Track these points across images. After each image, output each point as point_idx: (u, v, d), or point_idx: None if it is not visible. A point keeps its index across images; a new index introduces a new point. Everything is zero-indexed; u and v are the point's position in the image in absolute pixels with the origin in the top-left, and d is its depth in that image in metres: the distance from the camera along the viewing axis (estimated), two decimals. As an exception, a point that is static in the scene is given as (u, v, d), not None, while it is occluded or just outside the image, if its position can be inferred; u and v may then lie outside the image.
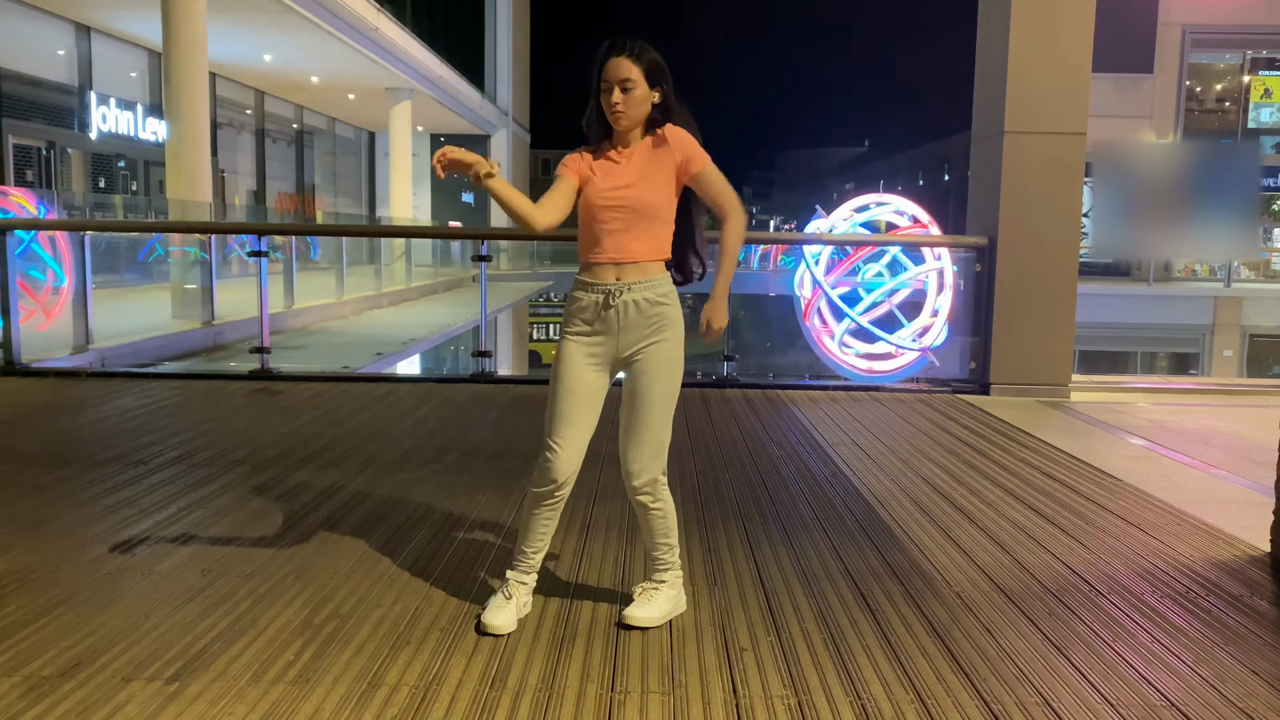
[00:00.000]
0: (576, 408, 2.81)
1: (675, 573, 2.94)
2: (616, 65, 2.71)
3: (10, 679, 2.45)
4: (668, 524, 2.90)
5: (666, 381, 2.80)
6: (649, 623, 2.83)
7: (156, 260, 13.50)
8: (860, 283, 7.79)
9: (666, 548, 2.92)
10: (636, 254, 2.75)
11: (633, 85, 2.71)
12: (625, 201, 2.73)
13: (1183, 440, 5.64)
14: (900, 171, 50.32)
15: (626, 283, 2.75)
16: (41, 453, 4.84)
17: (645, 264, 2.76)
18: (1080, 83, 6.85)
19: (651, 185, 2.74)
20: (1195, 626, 2.95)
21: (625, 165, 2.76)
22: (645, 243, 2.75)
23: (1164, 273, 24.88)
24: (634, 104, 2.72)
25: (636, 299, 2.75)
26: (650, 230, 2.76)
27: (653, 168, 2.75)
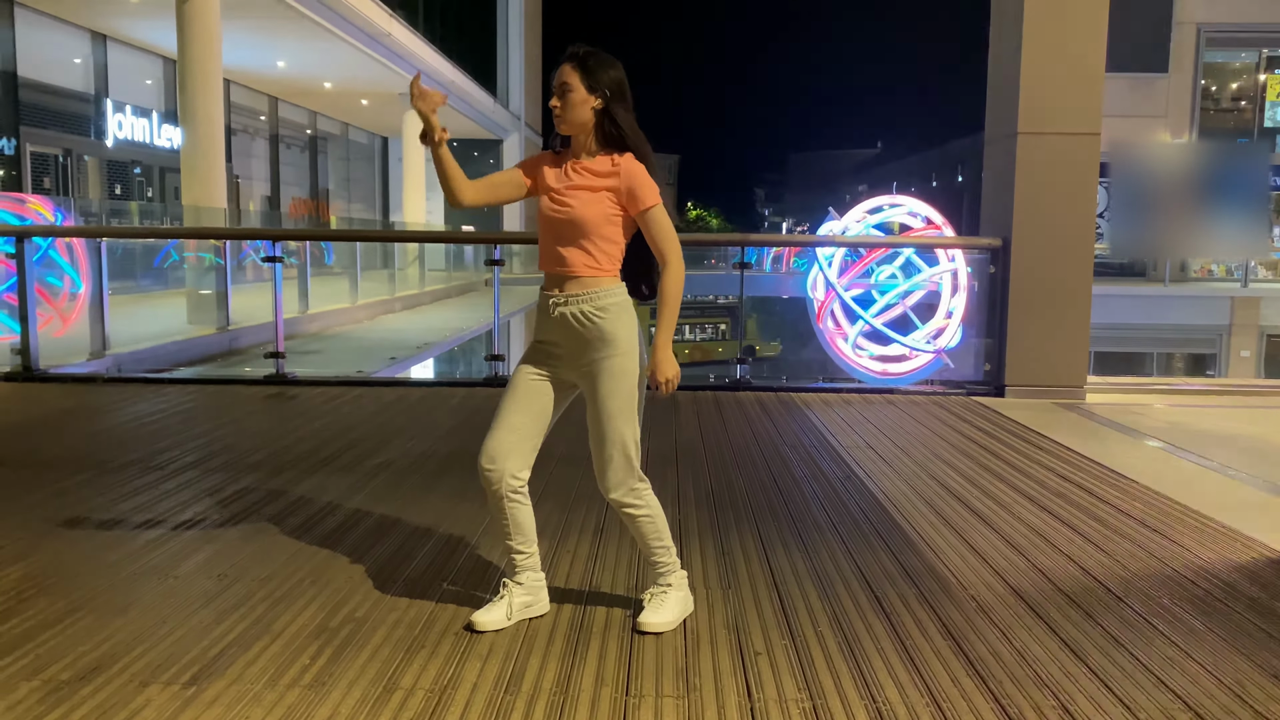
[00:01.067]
0: (513, 404, 2.84)
1: (678, 573, 2.94)
2: (558, 71, 2.77)
3: (29, 683, 2.46)
4: (656, 527, 2.89)
5: (617, 395, 2.77)
6: (665, 627, 2.84)
7: (172, 266, 13.60)
8: (874, 285, 7.78)
9: (662, 549, 2.90)
10: (575, 267, 2.76)
11: (569, 89, 2.74)
12: (563, 214, 2.76)
13: (1200, 442, 5.60)
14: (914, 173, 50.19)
15: (566, 294, 2.77)
16: (59, 458, 4.88)
17: (585, 278, 2.76)
18: (1094, 83, 6.82)
19: (590, 203, 2.74)
20: (1213, 629, 2.93)
21: (574, 178, 2.78)
22: (582, 257, 2.76)
23: (1180, 273, 24.73)
24: (570, 108, 2.74)
25: (574, 311, 2.76)
26: (587, 246, 2.75)
27: (596, 186, 2.76)
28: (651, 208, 2.76)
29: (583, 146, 2.80)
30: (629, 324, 2.79)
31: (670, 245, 2.78)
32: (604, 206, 2.74)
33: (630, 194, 2.74)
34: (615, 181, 2.75)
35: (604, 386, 2.76)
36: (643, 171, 2.76)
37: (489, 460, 2.80)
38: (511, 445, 2.82)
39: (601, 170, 2.76)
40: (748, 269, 7.86)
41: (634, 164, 2.76)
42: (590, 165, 2.78)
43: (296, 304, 13.98)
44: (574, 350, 2.80)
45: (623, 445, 2.78)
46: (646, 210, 2.75)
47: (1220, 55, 24.75)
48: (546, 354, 2.85)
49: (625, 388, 2.78)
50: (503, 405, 2.85)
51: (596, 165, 2.78)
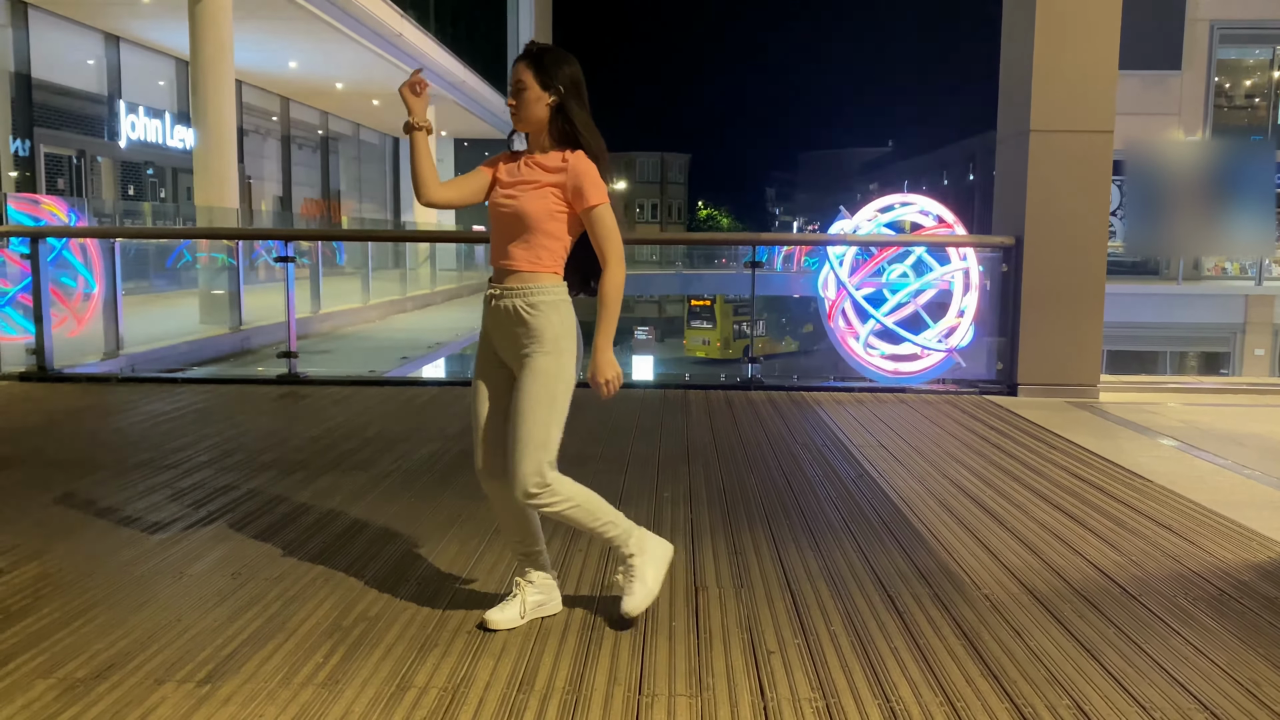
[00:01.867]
0: (484, 414, 2.87)
1: (635, 537, 2.89)
2: (514, 68, 2.79)
3: (45, 681, 2.48)
4: (587, 510, 2.83)
5: (536, 394, 2.74)
6: (649, 598, 2.83)
7: (185, 266, 13.66)
8: (885, 284, 7.75)
9: (607, 526, 2.86)
10: (515, 261, 2.77)
11: (523, 87, 2.75)
12: (507, 208, 2.77)
13: (1214, 441, 5.57)
14: (925, 171, 50.04)
15: (504, 287, 2.79)
16: (74, 457, 4.90)
17: (524, 272, 2.77)
18: (1107, 80, 6.79)
19: (534, 198, 2.74)
20: (1229, 628, 2.91)
21: (524, 173, 2.80)
22: (523, 251, 2.76)
23: (1194, 271, 24.58)
24: (525, 105, 2.76)
25: (508, 304, 2.77)
26: (529, 240, 2.76)
27: (543, 181, 2.76)
28: (596, 206, 2.75)
29: (538, 144, 2.82)
30: (559, 323, 2.77)
31: (612, 245, 2.78)
32: (548, 202, 2.75)
33: (576, 191, 2.74)
34: (562, 178, 2.75)
35: (525, 382, 2.76)
36: (591, 169, 2.76)
37: (484, 476, 2.88)
38: (496, 452, 2.84)
39: (551, 166, 2.77)
40: (759, 268, 7.85)
41: (583, 161, 2.76)
42: (541, 160, 2.79)
43: (309, 304, 14.02)
44: (508, 343, 2.82)
45: (529, 442, 2.72)
46: (591, 208, 2.75)
47: (1234, 52, 24.58)
48: (491, 350, 2.88)
49: (545, 387, 2.75)
50: (475, 417, 2.88)
51: (547, 161, 2.78)
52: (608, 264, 2.78)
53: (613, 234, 2.78)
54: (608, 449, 5.19)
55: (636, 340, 50.98)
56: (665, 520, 3.90)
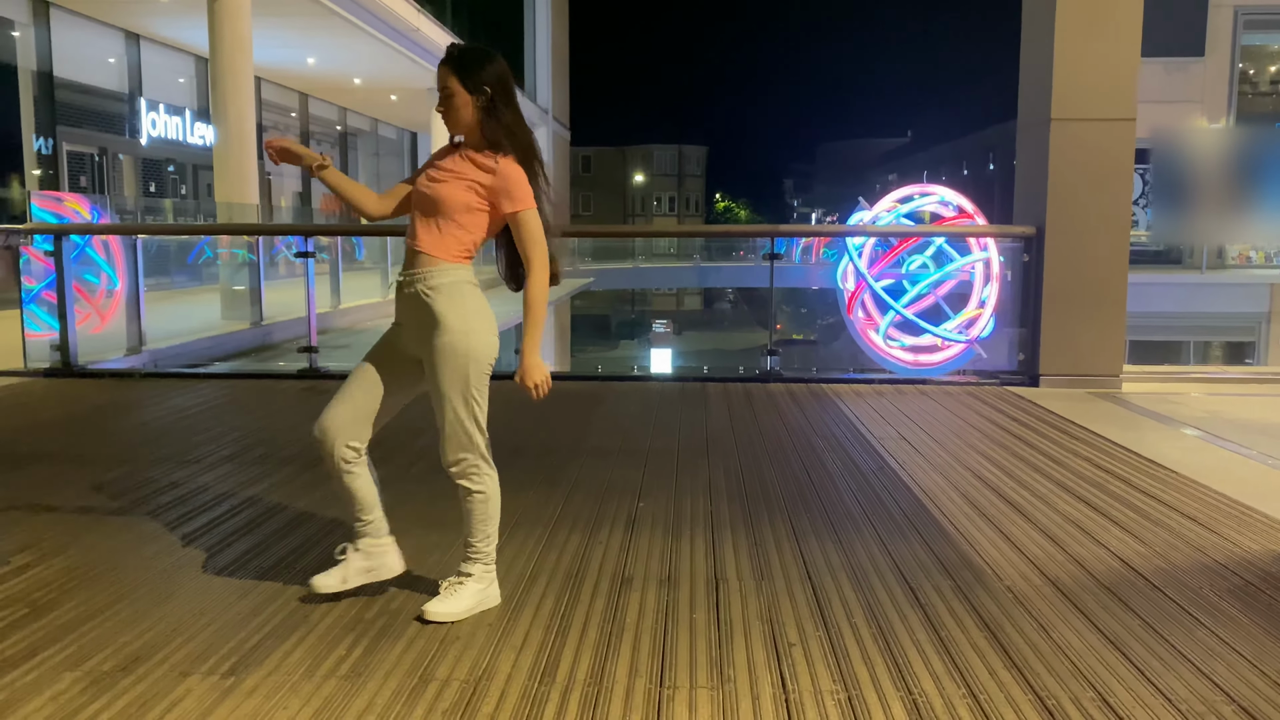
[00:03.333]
0: (353, 381, 2.91)
1: (485, 565, 2.92)
2: (438, 74, 2.79)
3: (72, 673, 2.50)
4: (487, 510, 2.89)
5: (448, 375, 2.79)
6: (451, 617, 2.82)
7: (206, 262, 13.74)
8: (905, 274, 7.71)
9: (483, 536, 2.90)
10: (421, 242, 2.80)
11: (450, 93, 2.77)
12: (429, 190, 2.80)
13: (1239, 430, 5.51)
14: (944, 161, 49.71)
15: (410, 273, 2.82)
16: (98, 452, 4.95)
17: (426, 254, 2.80)
18: (1129, 67, 6.72)
19: (456, 188, 2.77)
20: (1255, 620, 2.89)
21: (455, 164, 2.82)
22: (431, 234, 2.80)
23: (1217, 260, 24.32)
24: (453, 110, 2.79)
25: (416, 289, 2.81)
26: (439, 225, 2.79)
27: (469, 176, 2.78)
28: (522, 211, 2.78)
29: (471, 144, 2.84)
30: (460, 305, 2.80)
31: (535, 250, 2.80)
32: (469, 196, 2.78)
33: (503, 195, 2.77)
34: (490, 179, 2.77)
35: (434, 363, 2.80)
36: (520, 176, 2.78)
37: (320, 431, 2.89)
38: (345, 419, 2.87)
39: (482, 164, 2.79)
40: (778, 260, 7.82)
41: (512, 167, 2.78)
42: (474, 156, 2.81)
43: (329, 299, 14.08)
44: (415, 332, 2.84)
45: (455, 420, 2.80)
46: (516, 213, 2.78)
47: (1258, 38, 24.27)
48: (396, 333, 2.91)
49: (456, 367, 2.79)
50: (345, 381, 2.93)
51: (480, 158, 2.81)
52: (531, 269, 2.82)
53: (536, 239, 2.80)
54: (626, 442, 5.20)
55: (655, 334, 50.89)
56: (685, 513, 3.90)
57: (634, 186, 79.76)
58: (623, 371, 8.10)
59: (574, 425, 5.60)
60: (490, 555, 2.94)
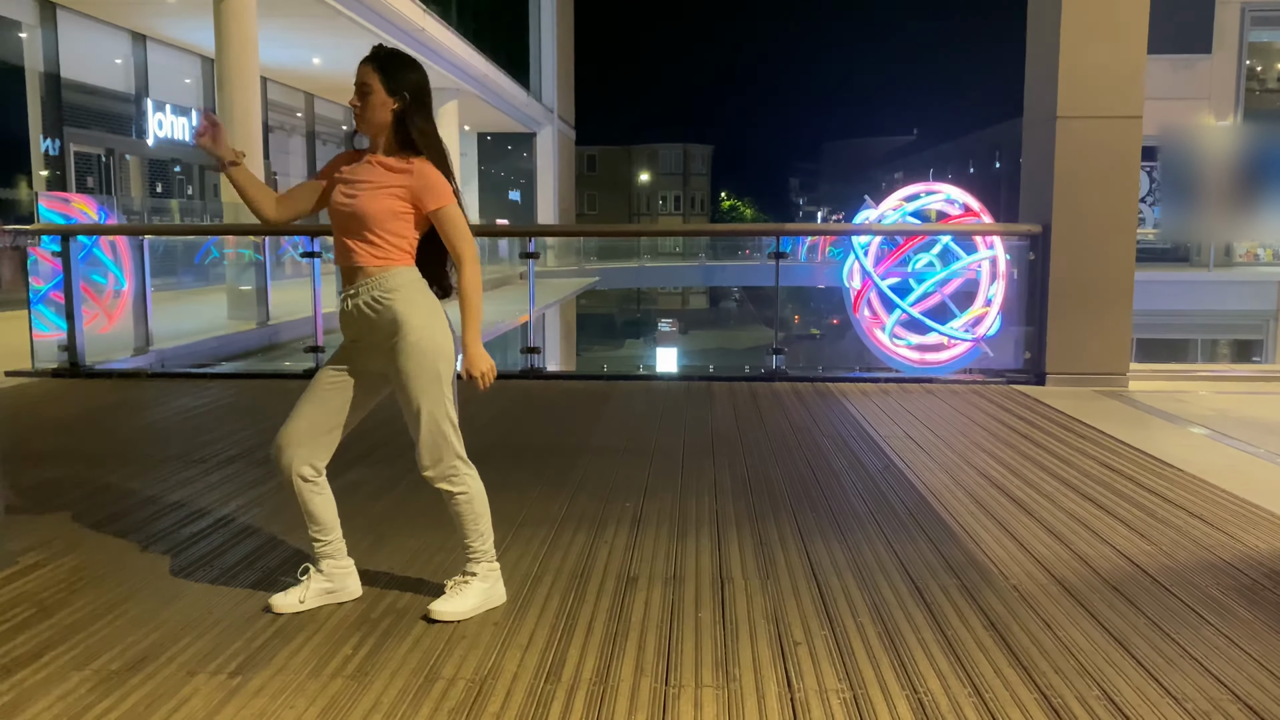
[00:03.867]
0: (308, 397, 2.91)
1: (488, 564, 2.93)
2: (360, 69, 2.77)
3: (80, 673, 2.51)
4: (475, 510, 2.89)
5: (418, 374, 2.80)
6: (457, 616, 2.83)
7: (212, 263, 13.77)
8: (911, 273, 7.70)
9: (477, 535, 2.91)
10: (362, 259, 2.78)
11: (369, 90, 2.76)
12: (348, 208, 2.78)
13: (1246, 429, 5.50)
14: (950, 159, 49.62)
15: (356, 287, 2.80)
16: (106, 452, 4.97)
17: (372, 268, 2.79)
18: (1135, 65, 6.70)
19: (376, 197, 2.75)
20: (1262, 619, 2.88)
21: (365, 173, 2.79)
22: (368, 249, 2.78)
23: (1225, 257, 24.24)
24: (370, 109, 2.77)
25: (364, 300, 2.80)
26: (373, 239, 2.76)
27: (385, 182, 2.76)
28: (444, 207, 2.78)
29: (380, 147, 2.83)
30: (420, 303, 2.81)
31: (464, 243, 2.80)
32: (391, 202, 2.76)
33: (425, 192, 2.76)
34: (407, 179, 2.77)
35: (404, 367, 2.80)
36: (435, 172, 2.78)
37: (277, 449, 2.88)
38: (302, 435, 2.87)
39: (395, 167, 2.79)
40: (783, 259, 7.82)
41: (428, 166, 2.78)
42: (385, 161, 2.81)
43: (335, 298, 14.10)
44: (372, 340, 2.83)
45: (432, 423, 2.82)
46: (439, 210, 2.78)
47: (1266, 34, 24.18)
48: (350, 351, 2.90)
49: (426, 367, 2.80)
50: (300, 398, 2.92)
51: (391, 161, 2.80)
52: (462, 262, 2.82)
53: (464, 232, 2.81)
54: (632, 441, 5.20)
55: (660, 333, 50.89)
56: (690, 512, 3.90)
57: (639, 185, 79.74)
58: (628, 371, 8.11)
59: (579, 424, 5.60)
60: (490, 553, 2.94)
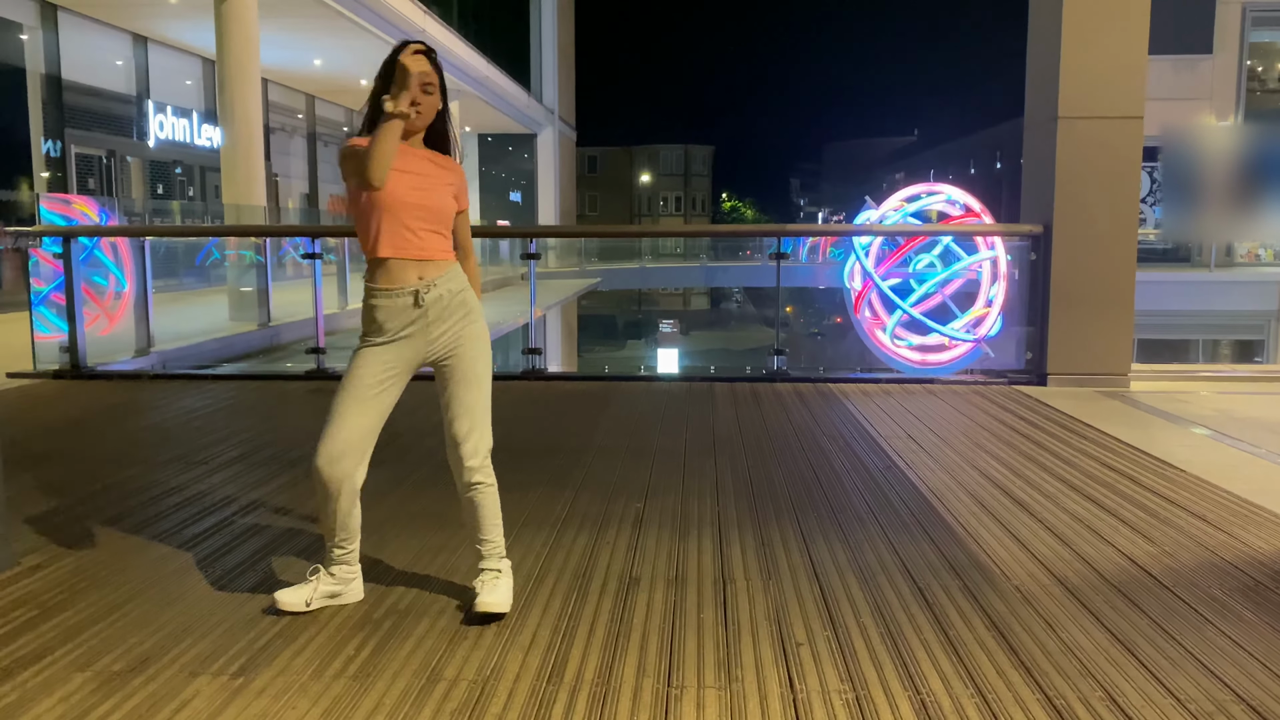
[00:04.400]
0: (356, 403, 2.84)
1: (505, 557, 2.99)
2: (424, 64, 2.74)
3: (83, 674, 2.52)
4: (497, 502, 2.96)
5: (486, 360, 2.93)
6: (506, 607, 2.85)
7: (214, 264, 13.78)
8: (912, 274, 7.70)
9: (497, 529, 2.95)
10: (433, 252, 2.85)
11: (432, 89, 2.81)
12: (426, 201, 2.82)
13: (1248, 429, 5.50)
14: (951, 160, 49.61)
15: (431, 279, 2.83)
16: (108, 453, 4.97)
17: (444, 261, 2.88)
18: (1136, 65, 6.70)
19: (445, 194, 2.87)
20: (1265, 620, 2.88)
21: (420, 165, 2.84)
22: (440, 241, 2.88)
23: (1226, 258, 24.24)
24: (430, 107, 2.83)
25: (444, 291, 2.85)
26: (442, 232, 2.88)
27: (444, 179, 2.88)
28: (467, 208, 2.99)
29: (414, 139, 2.87)
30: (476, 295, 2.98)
31: (472, 243, 3.05)
32: (450, 199, 2.89)
33: (461, 193, 2.94)
34: (456, 178, 2.92)
35: (468, 355, 2.88)
36: (464, 177, 2.98)
37: (329, 462, 2.78)
38: (353, 443, 2.82)
39: (447, 165, 2.91)
40: (784, 259, 7.82)
41: (461, 170, 2.98)
42: (436, 159, 2.90)
43: (336, 300, 14.10)
44: (440, 331, 2.85)
45: (486, 413, 2.90)
46: (463, 211, 2.97)
47: (1267, 35, 24.18)
48: (395, 347, 2.85)
49: (487, 358, 2.93)
50: (343, 403, 2.83)
51: (441, 160, 2.90)
52: (471, 256, 3.02)
53: (469, 232, 3.04)
54: (634, 441, 5.20)
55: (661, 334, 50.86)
56: (693, 512, 3.90)
57: (640, 186, 79.74)
58: (630, 371, 8.11)
59: (581, 425, 5.60)
60: (501, 545, 2.99)
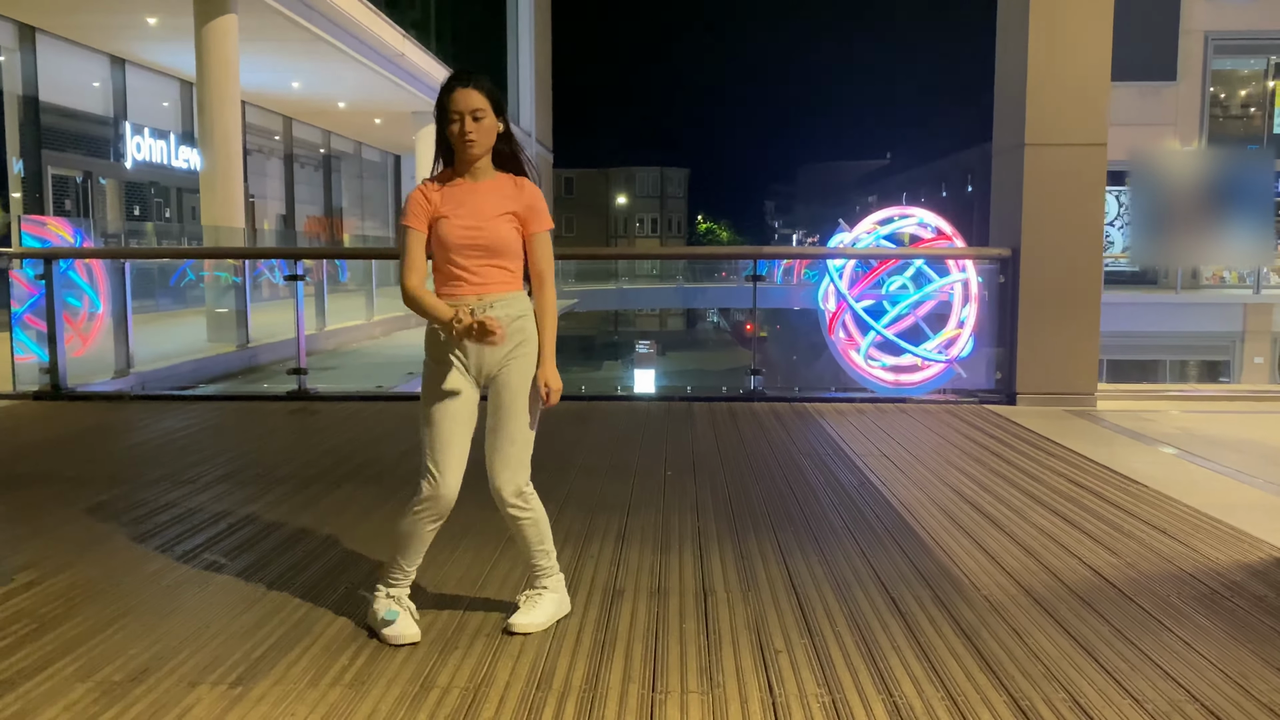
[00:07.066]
0: (456, 433, 2.88)
1: (556, 577, 3.05)
2: (465, 96, 2.81)
3: (84, 684, 2.59)
4: (540, 530, 3.00)
5: (527, 389, 2.92)
6: (535, 628, 2.93)
7: (189, 285, 13.79)
8: (885, 295, 7.87)
9: (543, 553, 3.01)
10: (495, 286, 2.87)
11: (482, 115, 2.83)
12: (479, 239, 2.84)
13: (1211, 447, 5.67)
14: (923, 183, 50.20)
15: (488, 301, 2.86)
16: (94, 472, 5.01)
17: (507, 292, 2.90)
18: (1099, 94, 6.92)
19: (504, 224, 2.86)
20: (1220, 626, 3.02)
21: (475, 201, 2.86)
22: (503, 274, 2.88)
23: (1192, 280, 24.73)
24: (484, 132, 2.83)
25: (500, 315, 2.85)
26: (505, 264, 2.88)
27: (503, 208, 2.87)
28: (546, 231, 2.93)
29: (478, 169, 2.90)
30: (535, 329, 2.95)
31: (551, 267, 2.96)
32: (512, 230, 2.88)
33: (533, 215, 2.90)
34: (519, 203, 2.89)
35: (517, 386, 2.90)
36: (541, 196, 2.93)
37: (449, 490, 2.85)
38: (460, 468, 2.89)
39: (507, 192, 2.89)
40: (760, 281, 7.97)
41: (534, 188, 2.93)
42: (495, 185, 2.90)
43: (314, 321, 14.14)
44: (494, 355, 2.88)
45: (525, 442, 2.92)
46: (537, 234, 2.92)
47: (1228, 63, 24.80)
48: (457, 369, 2.89)
49: (532, 387, 2.93)
50: (438, 432, 2.85)
51: (503, 186, 2.90)
52: (546, 283, 2.96)
53: (550, 257, 2.96)
54: (615, 460, 5.30)
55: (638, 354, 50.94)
56: (674, 527, 4.01)
57: (616, 208, 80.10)
58: (607, 392, 8.21)
59: (562, 444, 5.69)
60: (552, 566, 3.05)
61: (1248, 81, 25.39)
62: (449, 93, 2.82)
